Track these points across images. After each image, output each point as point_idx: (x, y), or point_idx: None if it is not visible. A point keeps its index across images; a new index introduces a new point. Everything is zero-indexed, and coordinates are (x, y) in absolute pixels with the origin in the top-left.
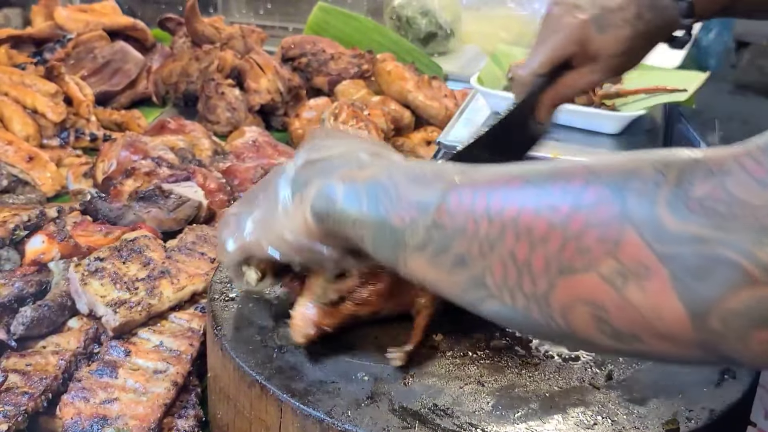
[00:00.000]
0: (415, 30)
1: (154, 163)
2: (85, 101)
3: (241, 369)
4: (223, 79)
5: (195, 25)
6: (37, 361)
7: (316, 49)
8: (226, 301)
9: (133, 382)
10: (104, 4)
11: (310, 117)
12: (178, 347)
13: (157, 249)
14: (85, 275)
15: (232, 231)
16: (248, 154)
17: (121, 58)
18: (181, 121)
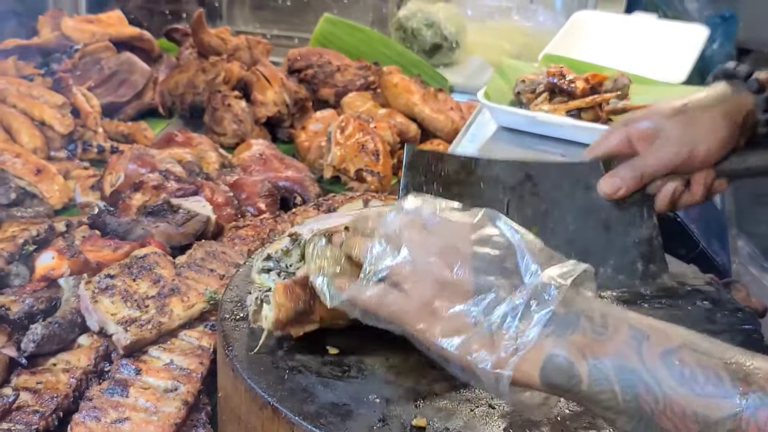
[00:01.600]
0: (421, 41)
1: (162, 176)
2: (93, 113)
3: (252, 390)
4: (230, 91)
5: (201, 36)
6: (48, 379)
7: (323, 60)
8: (236, 321)
9: (144, 401)
10: (110, 15)
11: (316, 129)
12: (188, 366)
13: (167, 266)
14: (96, 293)
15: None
16: (255, 167)
17: (128, 69)
18: (189, 134)
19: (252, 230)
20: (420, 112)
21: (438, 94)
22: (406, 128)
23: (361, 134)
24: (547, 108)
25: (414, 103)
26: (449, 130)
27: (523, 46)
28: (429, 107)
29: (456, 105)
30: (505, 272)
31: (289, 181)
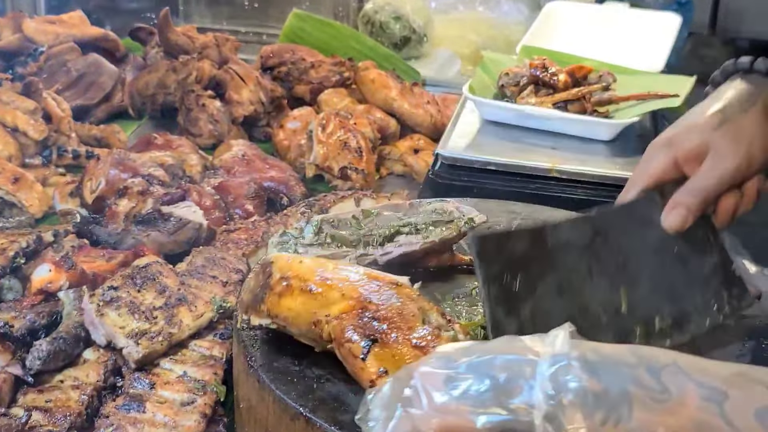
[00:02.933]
0: (389, 35)
1: (146, 181)
2: (65, 117)
3: (282, 401)
4: (203, 91)
5: (168, 34)
6: (57, 397)
7: (296, 57)
8: (252, 329)
9: (162, 416)
10: (72, 15)
11: (294, 128)
12: (202, 377)
13: (170, 275)
14: (101, 306)
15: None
16: (239, 169)
17: (95, 71)
18: (168, 136)
19: (244, 233)
20: (399, 107)
21: (414, 88)
22: (385, 124)
23: (342, 132)
24: (534, 101)
25: (392, 98)
26: (428, 125)
27: (489, 37)
28: (407, 102)
29: (432, 98)
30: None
31: (274, 181)
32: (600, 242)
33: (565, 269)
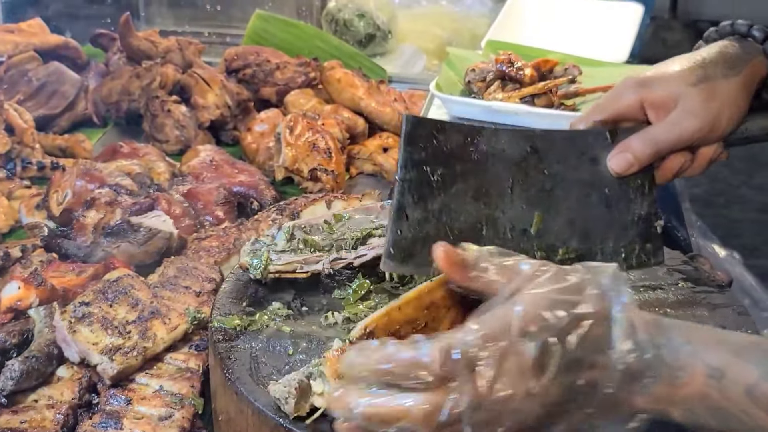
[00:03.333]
0: (354, 32)
1: (113, 191)
2: (29, 128)
3: (261, 413)
4: (167, 96)
5: (130, 40)
6: (32, 417)
7: (260, 59)
8: (228, 342)
9: (140, 431)
10: (31, 23)
11: (262, 130)
12: (179, 390)
13: (142, 288)
14: (73, 322)
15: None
16: (207, 175)
17: (57, 80)
18: (134, 145)
19: (216, 241)
20: (366, 106)
21: (380, 86)
22: (353, 123)
23: (310, 133)
24: (501, 96)
25: (360, 97)
26: (396, 123)
27: (454, 31)
28: (374, 101)
29: (399, 96)
30: None
31: (244, 186)
32: (533, 161)
33: (488, 176)
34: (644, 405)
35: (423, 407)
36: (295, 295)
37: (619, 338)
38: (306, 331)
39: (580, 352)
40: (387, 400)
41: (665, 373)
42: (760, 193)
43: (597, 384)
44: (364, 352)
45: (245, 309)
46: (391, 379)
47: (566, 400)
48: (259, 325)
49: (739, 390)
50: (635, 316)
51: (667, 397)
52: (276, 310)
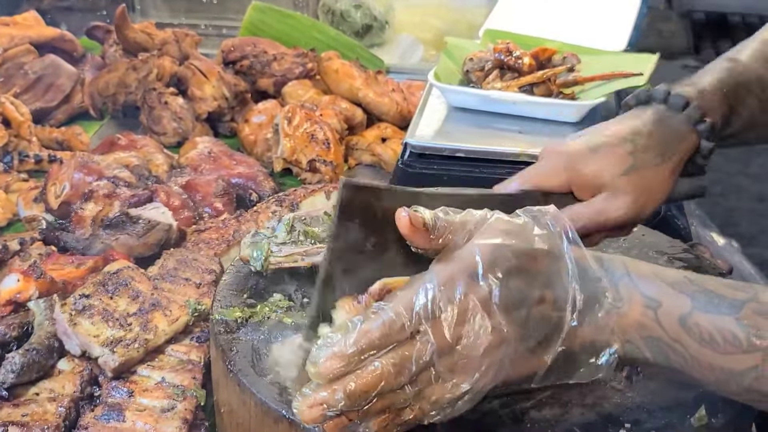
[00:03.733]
0: (351, 23)
1: (111, 183)
2: (25, 121)
3: (264, 404)
4: (165, 88)
5: (126, 32)
6: (34, 410)
7: (257, 50)
8: (229, 334)
9: (143, 423)
10: (26, 16)
11: (260, 122)
12: (181, 382)
13: (142, 280)
14: (73, 315)
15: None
16: (205, 166)
17: (53, 72)
18: (132, 136)
19: (215, 233)
20: (364, 96)
21: (378, 76)
22: (351, 114)
23: (309, 124)
24: (499, 85)
25: (357, 88)
26: (394, 113)
27: (453, 22)
28: (372, 91)
29: (397, 86)
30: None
31: (242, 177)
32: None
33: None
34: (591, 336)
35: (393, 364)
36: (296, 287)
37: (565, 272)
38: None
39: (529, 288)
40: (357, 374)
41: (607, 303)
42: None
43: (549, 317)
44: (333, 346)
45: (246, 301)
46: (374, 353)
47: (523, 336)
48: (260, 317)
49: (673, 319)
50: (578, 251)
51: (611, 327)
52: (277, 301)
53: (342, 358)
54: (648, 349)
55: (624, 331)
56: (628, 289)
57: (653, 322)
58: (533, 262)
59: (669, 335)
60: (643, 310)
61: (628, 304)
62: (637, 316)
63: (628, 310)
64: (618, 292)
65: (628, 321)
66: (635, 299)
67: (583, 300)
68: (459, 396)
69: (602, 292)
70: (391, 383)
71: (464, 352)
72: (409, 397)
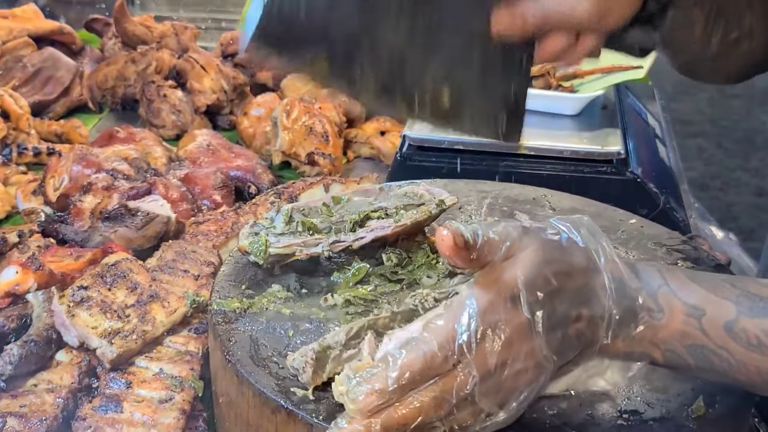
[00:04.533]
0: None
1: (110, 176)
2: (24, 114)
3: (262, 395)
4: (163, 81)
5: (125, 25)
6: (32, 401)
7: None
8: (228, 324)
9: (141, 414)
10: (25, 9)
11: (259, 115)
12: (179, 373)
13: (141, 271)
14: (71, 306)
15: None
16: (204, 159)
17: (52, 65)
18: (130, 129)
19: (214, 225)
20: None
21: None
22: (350, 107)
23: (307, 117)
24: None
25: None
26: None
27: None
28: None
29: None
30: None
31: (241, 170)
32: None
33: None
34: (625, 349)
35: (434, 398)
36: (294, 278)
37: (601, 287)
38: (306, 313)
39: (568, 308)
40: (396, 408)
41: (645, 316)
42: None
43: (584, 335)
44: (373, 379)
45: (244, 292)
46: (416, 388)
47: (561, 354)
48: (258, 308)
49: (719, 327)
50: (614, 265)
51: (649, 339)
52: (275, 292)
53: (382, 395)
54: (691, 356)
55: (665, 341)
56: (668, 298)
57: (697, 330)
58: (571, 280)
59: (714, 342)
60: (686, 318)
61: (669, 314)
62: (679, 326)
63: (669, 321)
64: (657, 303)
65: (669, 331)
66: (676, 308)
67: (618, 316)
68: (493, 422)
69: (638, 306)
70: (430, 416)
71: (506, 383)
72: (443, 425)
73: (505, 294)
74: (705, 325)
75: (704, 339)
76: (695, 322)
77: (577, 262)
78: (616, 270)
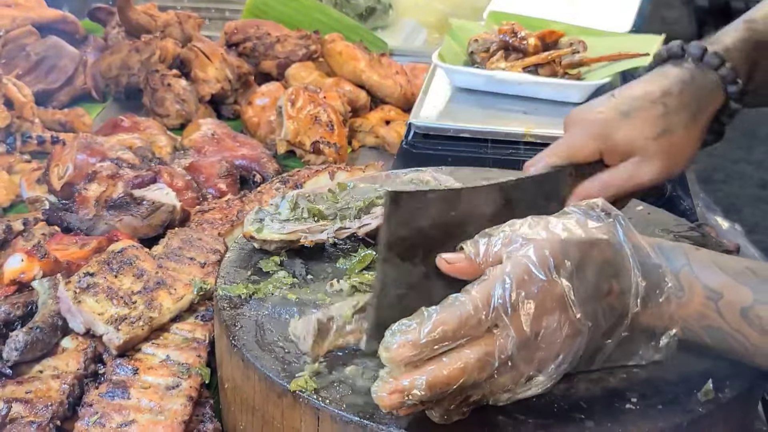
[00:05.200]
0: (354, 5)
1: (115, 164)
2: (28, 103)
3: (268, 379)
4: (167, 70)
5: (128, 14)
6: (38, 387)
7: (261, 32)
8: (233, 309)
9: (148, 401)
10: None
11: (263, 104)
12: (186, 360)
13: (147, 258)
14: (78, 293)
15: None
16: (209, 148)
17: (56, 54)
18: (135, 118)
19: (219, 213)
20: (368, 78)
21: (381, 58)
22: (355, 96)
23: (312, 106)
24: (504, 66)
25: (361, 70)
26: (398, 96)
27: (456, 6)
28: (376, 73)
29: (400, 69)
30: None
31: (246, 159)
32: (505, 213)
33: (465, 236)
34: (650, 321)
35: (477, 359)
36: (300, 264)
37: (628, 262)
38: (312, 298)
39: (598, 280)
40: (441, 365)
41: (668, 292)
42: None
43: (615, 308)
44: (408, 331)
45: (250, 277)
46: (447, 345)
47: (596, 326)
48: (264, 293)
49: (735, 311)
50: (637, 239)
51: (669, 315)
52: (281, 278)
53: (415, 346)
54: (708, 336)
55: (684, 319)
56: (689, 279)
57: (714, 312)
58: (598, 252)
59: (730, 326)
60: (704, 300)
61: (689, 294)
62: (698, 307)
63: (689, 301)
64: (678, 282)
65: (688, 311)
66: (696, 290)
67: (645, 287)
68: (532, 386)
69: (662, 279)
70: (474, 378)
71: (542, 344)
72: (484, 388)
73: (537, 264)
74: (722, 308)
75: (721, 321)
76: (713, 305)
77: (598, 235)
78: (636, 242)
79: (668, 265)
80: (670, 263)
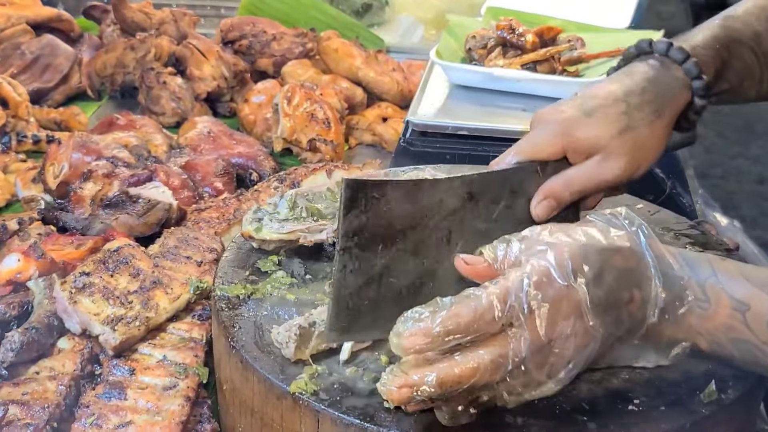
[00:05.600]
0: (350, 2)
1: (111, 163)
2: (23, 102)
3: (267, 381)
4: (163, 68)
5: (123, 11)
6: (34, 389)
7: (257, 30)
8: (232, 310)
9: (145, 401)
10: None
11: (259, 102)
12: (183, 360)
13: (143, 258)
14: (74, 293)
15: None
16: (205, 146)
17: (51, 53)
18: (131, 116)
19: (216, 212)
20: (364, 75)
21: (378, 55)
22: (352, 93)
23: (308, 103)
24: (502, 63)
25: (357, 67)
26: (395, 93)
27: (452, 1)
28: (373, 70)
29: (397, 66)
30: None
31: (243, 157)
32: (470, 206)
33: (426, 231)
34: (669, 333)
35: (491, 360)
36: (299, 263)
37: (650, 271)
38: (311, 298)
39: (619, 287)
40: (453, 363)
41: (693, 304)
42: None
43: (634, 316)
44: (420, 319)
45: (248, 277)
46: (459, 337)
47: (611, 333)
48: (262, 294)
49: (762, 323)
50: (660, 249)
51: (695, 327)
52: (280, 278)
53: (426, 335)
54: (735, 349)
55: (710, 332)
56: (715, 290)
57: (741, 324)
58: (620, 259)
59: (758, 338)
60: (731, 312)
61: (715, 306)
62: (725, 319)
63: (715, 312)
64: (704, 293)
65: (715, 323)
66: (723, 301)
67: (664, 299)
68: (541, 391)
69: (684, 290)
70: (486, 379)
71: (556, 350)
72: (494, 390)
73: (557, 267)
74: (749, 320)
75: (749, 334)
76: (740, 317)
77: (620, 243)
78: (659, 252)
79: (693, 275)
80: (695, 274)
